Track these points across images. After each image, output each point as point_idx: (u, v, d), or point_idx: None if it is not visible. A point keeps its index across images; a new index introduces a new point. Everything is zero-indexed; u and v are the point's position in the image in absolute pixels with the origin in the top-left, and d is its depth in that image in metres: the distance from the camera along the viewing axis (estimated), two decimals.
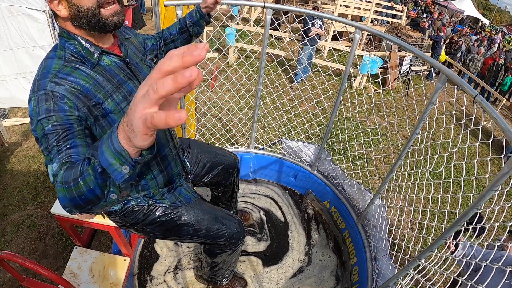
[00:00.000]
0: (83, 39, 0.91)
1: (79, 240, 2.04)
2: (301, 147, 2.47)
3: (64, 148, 0.76)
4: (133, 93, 1.00)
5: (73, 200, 0.65)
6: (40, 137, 0.79)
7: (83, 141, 0.81)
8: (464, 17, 17.84)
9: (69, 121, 0.81)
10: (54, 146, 0.77)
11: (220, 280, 1.73)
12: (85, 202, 0.64)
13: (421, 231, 1.69)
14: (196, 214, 1.31)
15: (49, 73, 0.84)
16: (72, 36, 0.90)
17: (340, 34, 7.80)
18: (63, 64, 0.87)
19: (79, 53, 0.90)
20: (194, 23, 1.34)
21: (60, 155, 0.75)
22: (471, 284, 1.11)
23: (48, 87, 0.81)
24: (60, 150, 0.76)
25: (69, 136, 0.79)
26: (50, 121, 0.78)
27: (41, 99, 0.80)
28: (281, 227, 2.30)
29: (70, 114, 0.82)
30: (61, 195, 0.67)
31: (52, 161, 0.75)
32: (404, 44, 1.55)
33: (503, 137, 1.03)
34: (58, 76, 0.84)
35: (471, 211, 1.10)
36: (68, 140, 0.78)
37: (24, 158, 3.30)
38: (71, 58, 0.89)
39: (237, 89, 4.05)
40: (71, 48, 0.89)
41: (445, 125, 1.50)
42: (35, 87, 0.83)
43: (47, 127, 0.78)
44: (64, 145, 0.77)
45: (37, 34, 3.67)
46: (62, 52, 0.89)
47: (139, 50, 1.14)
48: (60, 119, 0.79)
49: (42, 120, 0.78)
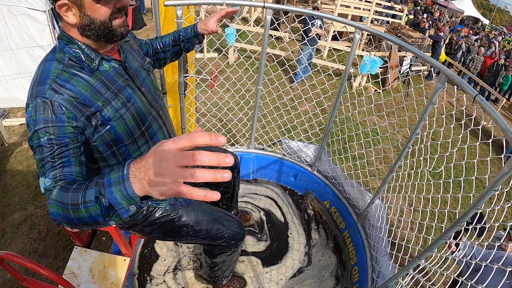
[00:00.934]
0: (84, 45, 0.89)
1: (79, 240, 2.04)
2: (301, 147, 2.47)
3: (58, 165, 0.77)
4: (132, 99, 0.99)
5: (69, 219, 0.69)
6: (35, 147, 0.79)
7: (77, 160, 0.82)
8: (464, 17, 17.84)
9: (65, 136, 0.80)
10: (48, 161, 0.77)
11: (219, 280, 1.74)
12: (82, 223, 0.68)
13: (421, 231, 1.69)
14: (196, 215, 1.31)
15: (47, 78, 0.83)
16: (72, 41, 0.88)
17: (340, 34, 7.80)
18: (62, 69, 0.85)
19: (78, 58, 0.88)
20: (187, 40, 1.36)
21: (54, 171, 0.76)
22: (471, 284, 1.11)
23: (47, 95, 0.80)
24: (54, 167, 0.77)
25: (64, 154, 0.79)
26: (47, 133, 0.78)
27: (39, 107, 0.80)
28: (281, 227, 2.30)
29: (68, 125, 0.81)
30: (53, 210, 0.70)
31: (45, 175, 0.76)
32: (404, 44, 1.54)
33: (503, 137, 1.03)
34: (56, 83, 0.82)
35: (471, 211, 1.10)
36: (62, 158, 0.78)
37: (24, 158, 3.30)
38: (70, 63, 0.87)
39: (237, 89, 4.05)
40: (70, 52, 0.88)
41: (445, 125, 1.50)
42: (33, 93, 0.81)
43: (42, 139, 0.78)
44: (58, 162, 0.77)
45: (37, 34, 3.67)
46: (61, 55, 0.88)
47: (138, 54, 1.14)
48: (56, 132, 0.79)
49: (39, 131, 0.78)
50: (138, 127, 1.02)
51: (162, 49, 1.35)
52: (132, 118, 0.99)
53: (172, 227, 1.27)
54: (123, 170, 0.59)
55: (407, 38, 7.80)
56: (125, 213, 0.62)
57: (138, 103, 1.02)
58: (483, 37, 11.69)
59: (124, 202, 0.60)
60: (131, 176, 0.58)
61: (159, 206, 1.23)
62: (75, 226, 0.71)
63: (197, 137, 0.51)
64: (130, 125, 0.98)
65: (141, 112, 1.03)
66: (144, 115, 1.05)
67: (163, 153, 0.53)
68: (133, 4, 7.33)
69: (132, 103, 0.99)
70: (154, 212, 1.22)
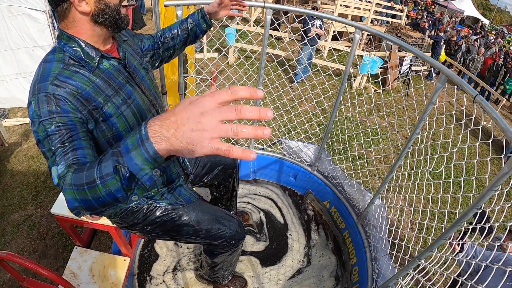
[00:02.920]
0: (83, 42, 0.90)
1: (79, 240, 2.04)
2: (301, 147, 2.47)
3: (70, 149, 0.75)
4: (132, 96, 1.00)
5: (86, 202, 0.63)
6: (42, 139, 0.77)
7: (88, 143, 0.80)
8: (464, 17, 17.84)
9: (73, 122, 0.79)
10: (59, 147, 0.75)
11: (220, 280, 1.74)
12: (101, 204, 0.63)
13: (421, 231, 1.69)
14: (196, 215, 1.31)
15: (49, 76, 0.83)
16: (72, 39, 0.89)
17: (340, 34, 7.81)
18: (63, 67, 0.85)
19: (78, 56, 0.89)
20: (195, 22, 1.34)
21: (66, 156, 0.73)
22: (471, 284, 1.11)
23: (49, 89, 0.80)
24: (66, 152, 0.74)
25: (74, 137, 0.77)
26: (53, 122, 0.77)
27: (41, 101, 0.79)
28: (280, 227, 2.30)
29: (73, 115, 0.80)
30: (70, 197, 0.65)
31: (57, 162, 0.73)
32: (404, 44, 1.54)
33: (503, 137, 1.03)
34: (58, 79, 0.82)
35: (471, 211, 1.10)
36: (73, 141, 0.76)
37: (24, 158, 3.30)
38: (70, 62, 0.88)
39: None
40: (70, 51, 0.88)
41: (445, 125, 1.50)
42: (35, 90, 0.81)
43: (50, 128, 0.76)
44: (69, 146, 0.75)
45: (37, 34, 3.67)
46: (61, 55, 0.88)
47: (136, 53, 1.14)
48: (63, 120, 0.78)
49: (44, 122, 0.76)
50: (138, 124, 1.02)
51: (171, 36, 1.33)
52: (132, 115, 0.99)
53: (172, 226, 1.27)
54: (141, 131, 0.53)
55: (407, 38, 7.81)
56: (149, 180, 0.57)
57: (139, 101, 1.03)
58: (483, 37, 11.69)
59: (147, 166, 0.54)
60: (153, 135, 0.52)
61: (159, 205, 1.23)
62: (94, 211, 0.65)
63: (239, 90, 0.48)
64: (130, 122, 0.99)
65: (142, 109, 1.04)
66: (145, 112, 1.05)
67: (203, 107, 0.48)
68: (133, 4, 7.32)
69: (132, 100, 1.00)
70: (154, 211, 1.23)
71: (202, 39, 5.99)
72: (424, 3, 16.54)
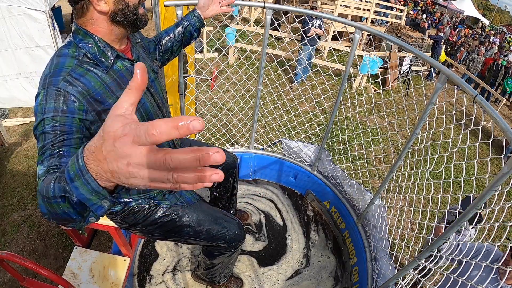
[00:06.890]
0: (100, 40, 0.89)
1: (79, 240, 2.04)
2: (301, 147, 2.47)
3: (57, 154, 0.73)
4: (142, 100, 0.99)
5: (52, 213, 0.59)
6: (39, 135, 0.76)
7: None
8: (464, 17, 17.84)
9: (71, 126, 0.78)
10: (48, 148, 0.74)
11: (217, 280, 1.73)
12: (62, 220, 0.60)
13: (421, 231, 1.69)
14: (197, 215, 1.31)
15: (62, 71, 0.81)
16: (89, 35, 0.88)
17: (340, 34, 7.80)
18: (76, 64, 0.84)
19: (93, 54, 0.88)
20: (188, 21, 1.35)
21: (50, 160, 0.72)
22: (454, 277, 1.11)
23: (60, 85, 0.79)
24: (52, 155, 0.73)
25: (65, 142, 0.75)
26: (53, 121, 0.76)
27: (50, 96, 0.77)
28: (280, 227, 2.30)
29: (77, 117, 0.79)
30: (40, 202, 0.62)
31: (43, 163, 0.72)
32: (404, 44, 1.54)
33: (503, 137, 1.03)
34: (71, 75, 0.81)
35: (471, 211, 1.10)
36: (63, 146, 0.74)
37: (24, 158, 3.30)
38: (84, 59, 0.86)
39: (237, 89, 4.04)
40: (86, 47, 0.87)
41: (445, 125, 1.49)
42: (46, 83, 0.79)
43: (47, 126, 0.76)
44: (57, 151, 0.73)
45: (37, 34, 3.68)
46: (75, 50, 0.87)
47: (147, 55, 1.14)
48: (63, 120, 0.77)
49: (46, 119, 0.76)
50: None
51: (168, 39, 1.35)
52: (140, 119, 0.99)
53: (173, 227, 1.27)
54: (78, 161, 0.47)
55: (407, 38, 7.81)
56: (98, 209, 0.53)
57: (147, 104, 1.03)
58: (486, 37, 11.68)
59: (94, 197, 0.50)
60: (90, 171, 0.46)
61: (160, 206, 1.23)
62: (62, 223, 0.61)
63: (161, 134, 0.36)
64: None
65: (150, 113, 1.03)
66: (152, 116, 1.05)
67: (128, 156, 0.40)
68: None
69: (141, 103, 1.00)
70: (155, 211, 1.23)
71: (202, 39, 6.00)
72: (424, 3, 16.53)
